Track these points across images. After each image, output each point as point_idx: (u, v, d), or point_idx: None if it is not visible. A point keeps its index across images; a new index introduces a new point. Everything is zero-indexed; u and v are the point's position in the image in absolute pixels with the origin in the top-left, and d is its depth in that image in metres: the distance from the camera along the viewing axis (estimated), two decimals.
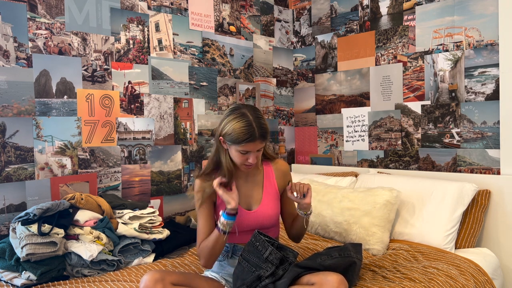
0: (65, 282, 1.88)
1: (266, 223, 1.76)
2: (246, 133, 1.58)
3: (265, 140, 1.64)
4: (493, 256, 2.27)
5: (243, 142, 1.59)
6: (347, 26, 3.14)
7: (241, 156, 1.64)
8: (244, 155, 1.63)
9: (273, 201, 1.80)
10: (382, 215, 2.26)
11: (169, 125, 2.78)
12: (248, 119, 1.60)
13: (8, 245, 1.93)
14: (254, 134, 1.59)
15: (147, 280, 1.51)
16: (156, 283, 1.50)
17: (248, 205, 1.78)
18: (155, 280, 1.50)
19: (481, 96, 2.48)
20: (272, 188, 1.82)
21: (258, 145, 1.62)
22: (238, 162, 1.67)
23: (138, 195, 2.64)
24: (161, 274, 1.54)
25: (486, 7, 2.44)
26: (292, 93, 3.55)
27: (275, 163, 1.86)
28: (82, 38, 2.41)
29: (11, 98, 2.17)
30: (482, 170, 2.48)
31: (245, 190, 1.79)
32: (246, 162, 1.65)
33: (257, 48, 3.29)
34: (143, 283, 1.52)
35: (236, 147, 1.62)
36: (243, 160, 1.65)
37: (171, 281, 1.54)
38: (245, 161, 1.65)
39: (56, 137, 2.31)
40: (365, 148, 3.04)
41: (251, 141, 1.59)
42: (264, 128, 1.62)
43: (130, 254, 2.14)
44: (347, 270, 1.68)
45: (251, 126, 1.59)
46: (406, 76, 2.80)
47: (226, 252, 1.77)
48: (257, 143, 1.61)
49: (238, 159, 1.65)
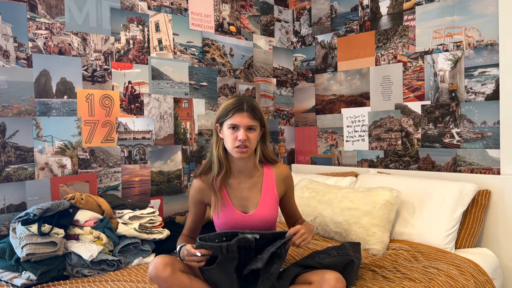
0: (65, 282, 1.88)
1: (262, 227, 1.72)
2: (235, 104, 1.66)
3: (255, 116, 1.66)
4: (493, 256, 2.27)
5: (231, 112, 1.64)
6: (347, 26, 3.14)
7: (231, 134, 1.65)
8: (234, 131, 1.65)
9: (271, 205, 1.77)
10: (382, 215, 2.26)
11: (169, 125, 2.78)
12: (239, 97, 1.71)
13: (8, 245, 1.93)
14: (242, 105, 1.65)
15: (157, 262, 1.53)
16: (166, 266, 1.52)
17: (244, 208, 1.75)
18: (165, 264, 1.52)
19: (481, 96, 2.48)
20: (271, 192, 1.78)
21: (246, 119, 1.64)
22: (230, 144, 1.66)
23: (138, 195, 2.64)
24: (171, 259, 1.55)
25: (486, 7, 2.44)
26: (292, 93, 3.55)
27: (277, 167, 1.83)
28: (82, 38, 2.41)
29: (11, 98, 2.17)
30: (482, 170, 2.48)
31: (242, 192, 1.76)
32: (237, 142, 1.64)
33: (257, 48, 3.29)
34: (153, 265, 1.53)
35: (226, 123, 1.66)
36: (234, 139, 1.65)
37: (180, 268, 1.56)
38: (236, 140, 1.64)
39: (56, 137, 2.31)
40: (365, 148, 3.04)
41: (238, 111, 1.64)
42: (253, 105, 1.67)
43: (130, 254, 2.14)
44: (345, 268, 1.67)
45: (240, 100, 1.67)
46: (406, 76, 2.80)
47: None
48: (244, 116, 1.64)
49: (230, 139, 1.66)
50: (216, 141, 1.73)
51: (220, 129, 1.71)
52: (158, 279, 1.52)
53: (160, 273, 1.51)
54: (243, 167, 1.76)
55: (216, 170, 1.72)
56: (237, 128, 1.65)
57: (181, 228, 2.54)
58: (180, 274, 1.54)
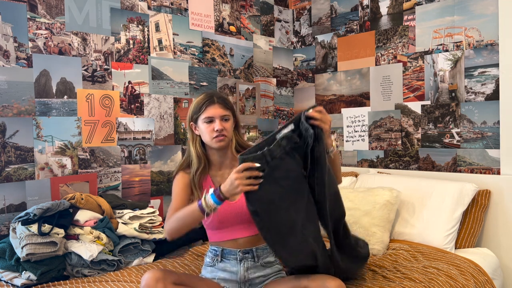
0: (65, 282, 1.88)
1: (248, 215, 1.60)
2: (205, 98, 1.72)
3: (226, 106, 1.71)
4: (493, 256, 2.27)
5: (203, 106, 1.70)
6: (347, 26, 3.14)
7: (207, 127, 1.69)
8: (210, 124, 1.69)
9: None
10: (382, 215, 2.26)
11: (169, 125, 2.78)
12: (207, 92, 1.78)
13: (8, 245, 1.93)
14: (212, 98, 1.72)
15: (148, 278, 1.51)
16: (157, 282, 1.49)
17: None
18: (157, 279, 1.50)
19: (481, 96, 2.48)
20: None
21: (219, 110, 1.69)
22: (208, 137, 1.69)
23: (138, 195, 2.64)
24: (163, 273, 1.53)
25: (486, 7, 2.44)
26: (292, 93, 3.55)
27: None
28: (82, 38, 2.41)
29: (11, 98, 2.17)
30: (482, 170, 2.48)
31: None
32: (215, 133, 1.67)
33: (257, 48, 3.29)
34: (144, 281, 1.51)
35: (201, 118, 1.70)
36: (211, 131, 1.68)
37: (172, 281, 1.53)
38: (213, 131, 1.68)
39: (56, 137, 2.31)
40: (365, 148, 3.04)
41: (210, 104, 1.70)
42: (222, 96, 1.75)
43: (130, 254, 2.14)
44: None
45: (210, 94, 1.74)
46: (406, 76, 2.80)
47: (215, 256, 1.74)
48: (216, 107, 1.69)
49: (207, 132, 1.69)
50: (192, 138, 1.77)
51: (195, 126, 1.76)
52: None
53: None
54: (223, 157, 1.77)
55: (196, 166, 1.74)
56: (212, 120, 1.69)
57: None
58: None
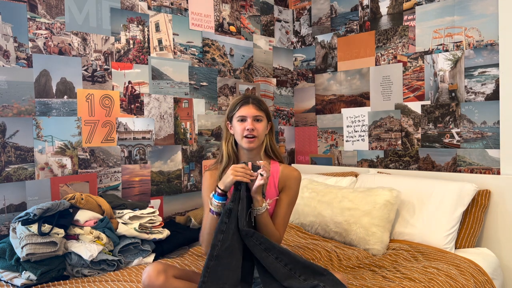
0: (65, 282, 1.88)
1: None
2: (241, 98, 1.79)
3: (260, 108, 1.76)
4: (493, 256, 2.27)
5: (238, 105, 1.76)
6: (347, 26, 3.14)
7: (240, 125, 1.74)
8: (242, 123, 1.74)
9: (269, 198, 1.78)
10: (382, 215, 2.26)
11: (169, 125, 2.78)
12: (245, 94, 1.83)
13: (8, 245, 1.93)
14: (247, 98, 1.78)
15: (150, 270, 1.55)
16: (158, 274, 1.53)
17: None
18: (158, 271, 1.54)
19: (481, 96, 2.48)
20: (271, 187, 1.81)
21: (252, 109, 1.74)
22: (239, 136, 1.73)
23: (138, 195, 2.64)
24: (164, 266, 1.57)
25: (486, 7, 2.44)
26: (292, 93, 3.55)
27: (286, 166, 1.83)
28: (82, 38, 2.41)
29: (11, 98, 2.17)
30: (482, 170, 2.48)
31: None
32: (245, 132, 1.72)
33: (257, 48, 3.29)
34: (146, 273, 1.55)
35: (235, 117, 1.76)
36: (243, 130, 1.72)
37: (173, 274, 1.57)
38: (244, 130, 1.72)
39: (56, 137, 2.31)
40: (365, 148, 3.04)
41: (245, 104, 1.75)
42: (258, 98, 1.80)
43: (130, 254, 2.14)
44: None
45: (246, 95, 1.81)
46: (406, 76, 2.80)
47: None
48: (250, 107, 1.74)
49: (239, 130, 1.73)
50: (226, 137, 1.82)
51: (230, 125, 1.80)
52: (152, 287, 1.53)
53: (154, 280, 1.53)
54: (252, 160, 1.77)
55: (225, 164, 1.78)
56: (244, 119, 1.74)
57: (181, 228, 2.55)
58: (174, 281, 1.56)
